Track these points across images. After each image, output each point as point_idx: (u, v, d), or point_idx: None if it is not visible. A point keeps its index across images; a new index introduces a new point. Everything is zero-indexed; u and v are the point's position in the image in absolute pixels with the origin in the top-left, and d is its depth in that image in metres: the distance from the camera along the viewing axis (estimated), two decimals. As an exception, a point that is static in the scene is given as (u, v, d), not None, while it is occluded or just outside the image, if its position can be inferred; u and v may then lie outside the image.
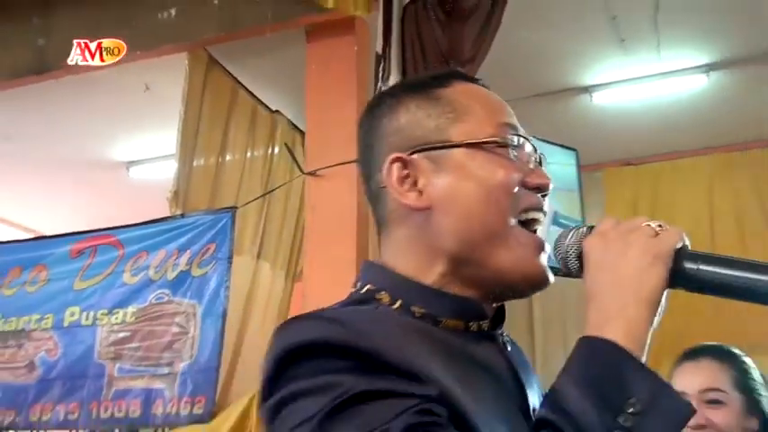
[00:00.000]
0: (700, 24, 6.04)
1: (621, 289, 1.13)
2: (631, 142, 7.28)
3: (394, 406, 1.04)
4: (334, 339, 1.10)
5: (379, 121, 1.37)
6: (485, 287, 1.28)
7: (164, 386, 5.49)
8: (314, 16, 5.56)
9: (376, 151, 1.35)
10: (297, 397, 1.07)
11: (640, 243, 1.15)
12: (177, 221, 5.84)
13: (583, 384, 1.07)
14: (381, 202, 1.34)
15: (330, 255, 5.28)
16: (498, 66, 5.27)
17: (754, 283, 1.12)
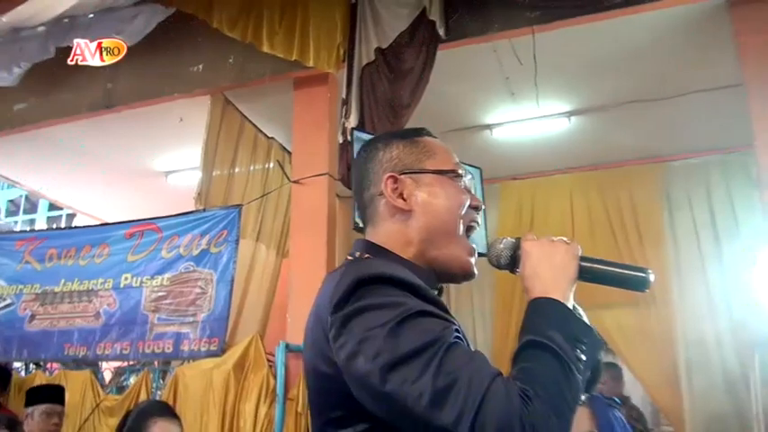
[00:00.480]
0: (565, 84, 6.07)
1: (556, 273, 1.29)
2: (518, 163, 7.31)
3: (442, 323, 1.14)
4: (395, 274, 1.18)
5: (375, 153, 1.47)
6: (435, 268, 1.38)
7: (189, 330, 5.48)
8: (300, 72, 5.60)
9: (372, 173, 1.44)
10: (370, 309, 1.13)
11: (563, 247, 1.34)
12: (200, 214, 5.81)
13: (550, 322, 1.18)
14: (373, 205, 1.43)
15: (308, 239, 5.32)
16: (426, 109, 5.27)
17: (621, 275, 1.38)
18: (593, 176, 7.38)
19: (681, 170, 7.14)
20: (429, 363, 1.06)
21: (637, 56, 5.61)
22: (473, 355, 1.11)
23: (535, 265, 1.31)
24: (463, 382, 1.05)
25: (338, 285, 1.18)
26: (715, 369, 6.46)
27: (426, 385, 1.05)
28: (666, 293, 6.67)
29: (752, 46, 4.81)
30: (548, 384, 1.08)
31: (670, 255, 6.85)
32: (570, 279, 1.30)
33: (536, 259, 1.32)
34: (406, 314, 1.11)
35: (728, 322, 6.39)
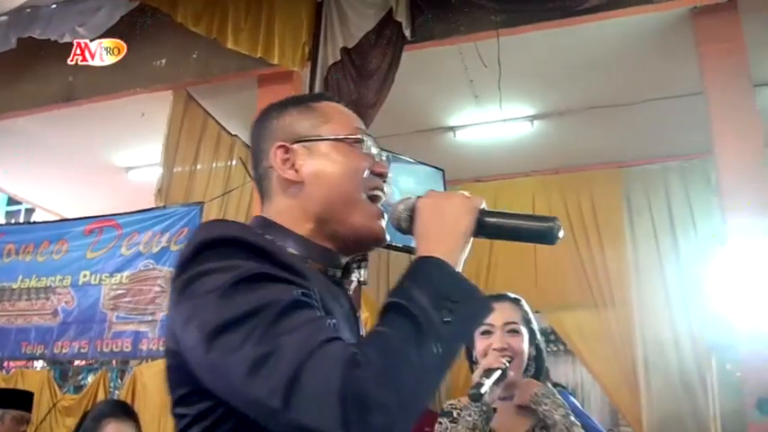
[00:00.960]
0: (528, 88, 6.09)
1: (445, 227, 1.17)
2: (481, 166, 7.32)
3: (284, 287, 1.02)
4: (242, 237, 1.07)
5: (269, 122, 1.35)
6: (341, 241, 1.28)
7: (148, 329, 5.44)
8: (264, 69, 5.55)
9: (266, 143, 1.33)
10: (209, 273, 1.02)
11: (458, 200, 1.21)
12: (161, 211, 5.75)
13: (418, 282, 1.07)
14: (267, 178, 1.31)
15: None
16: (392, 110, 5.26)
17: (526, 228, 1.23)
18: (555, 180, 7.44)
19: (641, 175, 7.24)
20: (254, 329, 0.95)
21: (600, 62, 5.65)
22: (310, 321, 0.99)
23: (425, 222, 1.19)
24: (285, 350, 0.93)
25: (185, 247, 1.08)
26: (673, 370, 6.54)
27: (247, 354, 0.93)
28: (625, 295, 6.75)
29: (712, 55, 4.87)
30: (390, 350, 0.97)
31: (629, 257, 6.92)
32: (461, 234, 1.17)
33: (426, 216, 1.20)
34: (240, 277, 1.00)
35: (686, 324, 6.48)
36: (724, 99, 4.76)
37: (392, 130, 5.90)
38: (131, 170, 7.71)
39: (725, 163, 4.66)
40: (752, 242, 3.93)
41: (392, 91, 5.12)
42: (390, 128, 5.78)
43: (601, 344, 6.69)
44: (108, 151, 7.37)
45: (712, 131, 4.75)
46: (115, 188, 7.72)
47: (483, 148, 6.99)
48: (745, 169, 4.56)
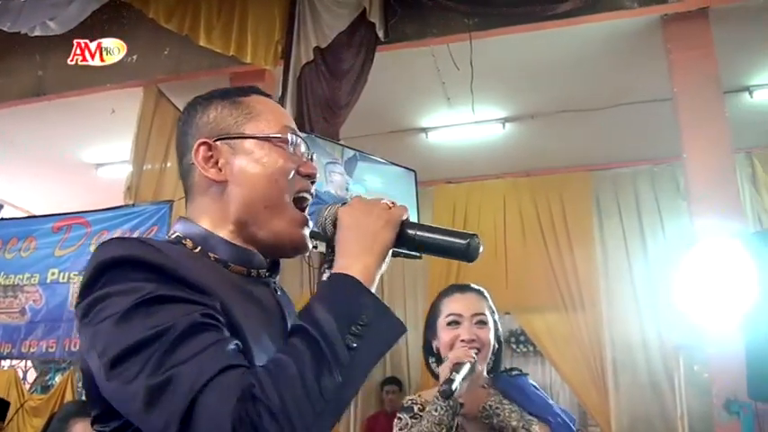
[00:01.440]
0: (500, 91, 6.08)
1: (362, 242, 1.13)
2: (452, 168, 7.32)
3: (183, 308, 0.98)
4: (142, 256, 1.02)
5: (193, 116, 1.28)
6: (261, 245, 1.24)
7: (117, 329, 5.27)
8: (236, 67, 5.49)
9: (189, 138, 1.26)
10: (106, 297, 0.99)
11: (377, 211, 1.16)
12: (130, 209, 5.65)
13: (327, 303, 1.04)
14: (190, 176, 1.25)
15: None
16: (364, 110, 5.23)
17: (444, 243, 1.19)
18: (526, 182, 7.46)
19: (611, 179, 7.30)
20: (150, 358, 0.93)
21: (571, 66, 5.67)
22: (208, 347, 0.95)
23: (343, 235, 1.16)
24: (179, 380, 0.91)
25: (85, 270, 1.04)
26: (641, 370, 6.62)
27: (140, 385, 0.92)
28: (594, 297, 6.80)
29: (682, 61, 4.90)
30: (286, 379, 0.94)
31: (599, 260, 6.98)
32: (379, 249, 1.13)
33: (345, 228, 1.16)
34: (136, 301, 0.97)
35: (654, 325, 6.56)
36: (694, 105, 4.79)
37: (364, 130, 5.89)
38: (101, 167, 7.58)
39: (694, 168, 4.69)
40: (719, 245, 3.94)
41: (365, 91, 5.10)
42: (363, 128, 5.76)
43: (570, 345, 6.73)
44: (77, 147, 7.23)
45: (682, 137, 4.78)
46: (84, 185, 7.61)
47: (455, 150, 6.99)
48: (714, 175, 4.60)
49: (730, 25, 4.99)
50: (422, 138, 6.78)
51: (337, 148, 4.38)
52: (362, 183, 4.33)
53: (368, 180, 4.37)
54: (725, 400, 4.08)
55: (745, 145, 6.41)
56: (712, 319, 4.11)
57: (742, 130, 5.45)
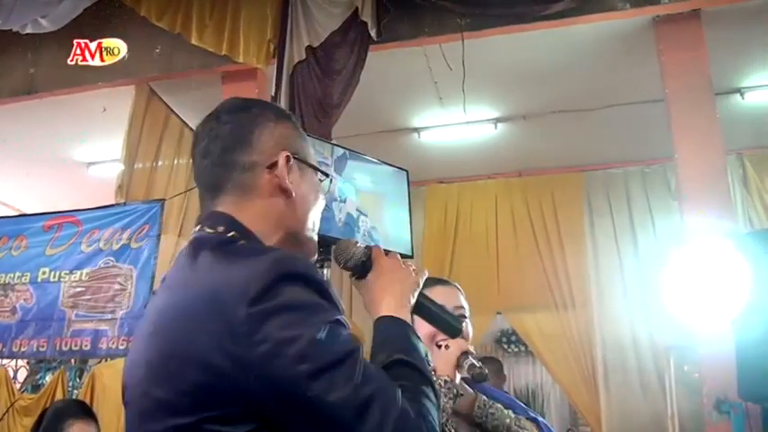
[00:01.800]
0: (492, 91, 6.08)
1: (404, 295, 1.31)
2: (444, 167, 7.32)
3: (348, 334, 1.10)
4: (316, 276, 1.10)
5: (264, 120, 1.29)
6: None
7: (108, 328, 5.28)
8: (228, 66, 5.46)
9: (262, 139, 1.27)
10: (292, 309, 1.04)
11: (411, 274, 1.36)
12: (122, 208, 5.56)
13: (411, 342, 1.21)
14: (251, 175, 1.25)
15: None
16: (357, 109, 5.22)
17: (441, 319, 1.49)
18: (518, 182, 7.47)
19: (602, 179, 7.31)
20: (353, 372, 1.03)
21: (563, 67, 5.66)
22: (378, 368, 1.13)
23: (389, 282, 1.32)
24: (383, 395, 1.04)
25: (253, 276, 1.04)
26: (632, 370, 6.63)
27: (352, 395, 1.01)
28: (586, 297, 6.81)
29: (674, 63, 4.90)
30: (428, 405, 1.12)
31: (590, 260, 6.98)
32: (409, 306, 1.33)
33: (390, 276, 1.33)
34: (328, 320, 1.05)
35: (645, 325, 6.57)
36: (685, 106, 4.79)
37: (357, 129, 5.87)
38: (92, 165, 7.53)
39: (685, 169, 4.70)
40: (710, 246, 3.95)
41: (357, 91, 5.08)
42: (355, 128, 5.74)
43: (561, 345, 6.73)
44: (69, 146, 7.18)
45: (673, 138, 4.78)
46: (75, 183, 7.55)
47: (447, 150, 6.99)
48: (705, 176, 4.61)
49: (722, 27, 4.99)
50: (414, 137, 6.77)
51: (327, 147, 4.35)
52: (352, 181, 4.29)
53: (358, 179, 4.33)
54: (715, 400, 4.09)
55: (736, 146, 6.42)
56: (703, 320, 4.11)
57: (733, 131, 5.45)
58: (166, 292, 1.19)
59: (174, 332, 1.09)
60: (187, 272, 1.17)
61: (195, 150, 1.31)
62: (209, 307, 1.06)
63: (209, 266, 1.13)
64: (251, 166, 1.24)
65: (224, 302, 1.04)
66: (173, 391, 1.06)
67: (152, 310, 1.20)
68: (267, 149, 1.26)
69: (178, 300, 1.13)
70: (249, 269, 1.06)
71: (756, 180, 6.80)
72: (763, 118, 6.25)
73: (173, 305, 1.13)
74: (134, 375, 1.18)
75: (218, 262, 1.12)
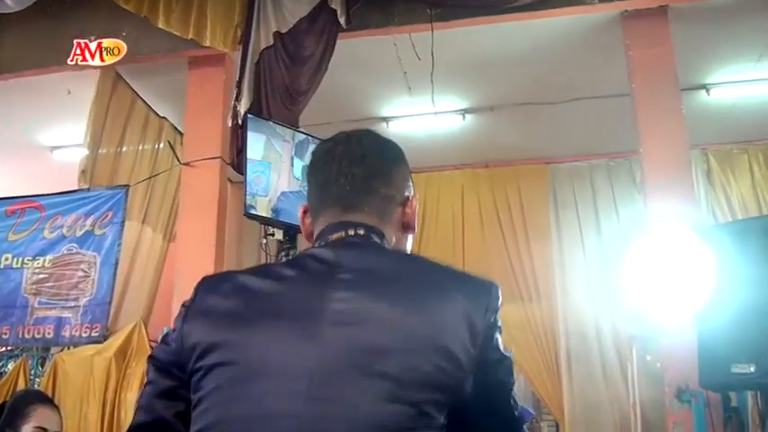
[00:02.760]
0: (461, 82, 6.05)
1: None
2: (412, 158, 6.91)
3: None
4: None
5: (403, 162, 1.35)
6: None
7: (71, 315, 5.23)
8: (195, 51, 5.35)
9: (398, 177, 1.31)
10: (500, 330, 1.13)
11: None
12: (85, 193, 5.50)
13: None
14: (389, 207, 1.28)
15: (197, 224, 5.14)
16: (324, 98, 5.18)
17: None
18: (485, 174, 7.46)
19: (568, 172, 7.32)
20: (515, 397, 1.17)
21: (531, 60, 5.64)
22: None
23: None
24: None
25: (491, 290, 1.14)
26: (594, 360, 6.67)
27: (519, 416, 1.17)
28: (550, 288, 6.83)
29: (641, 59, 4.92)
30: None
31: (555, 251, 7.00)
32: None
33: None
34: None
35: (608, 316, 6.60)
36: (651, 101, 4.81)
37: (324, 118, 5.77)
38: (56, 150, 7.35)
39: (650, 163, 4.72)
40: (674, 238, 3.95)
41: (325, 79, 5.01)
42: (323, 116, 5.66)
43: (525, 335, 6.75)
44: (32, 129, 6.99)
45: (639, 132, 4.79)
46: (39, 168, 7.36)
47: (415, 140, 6.91)
48: (670, 170, 4.63)
49: (689, 23, 5.01)
50: (383, 127, 6.69)
51: (288, 132, 4.30)
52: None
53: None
54: (677, 389, 4.13)
55: (700, 141, 6.45)
56: (665, 310, 4.13)
57: (698, 127, 5.47)
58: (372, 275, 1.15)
59: (424, 319, 1.07)
60: (407, 265, 1.20)
61: (330, 163, 1.28)
62: (456, 306, 1.09)
63: (439, 272, 1.17)
64: (388, 199, 1.28)
65: (469, 310, 1.09)
66: (408, 366, 1.03)
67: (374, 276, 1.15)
68: (402, 187, 1.31)
69: (421, 295, 1.11)
70: (485, 285, 1.14)
71: (720, 175, 6.86)
72: (728, 114, 6.31)
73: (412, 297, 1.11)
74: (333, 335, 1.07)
75: (444, 270, 1.18)
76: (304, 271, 1.15)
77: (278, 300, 1.11)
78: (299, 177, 4.21)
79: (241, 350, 1.06)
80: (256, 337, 1.07)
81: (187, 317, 1.14)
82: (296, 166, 4.22)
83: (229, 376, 1.04)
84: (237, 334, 1.07)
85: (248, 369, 1.04)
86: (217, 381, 1.05)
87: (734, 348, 3.34)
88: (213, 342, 1.07)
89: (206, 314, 1.12)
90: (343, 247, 1.18)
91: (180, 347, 1.11)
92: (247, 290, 1.13)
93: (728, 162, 6.92)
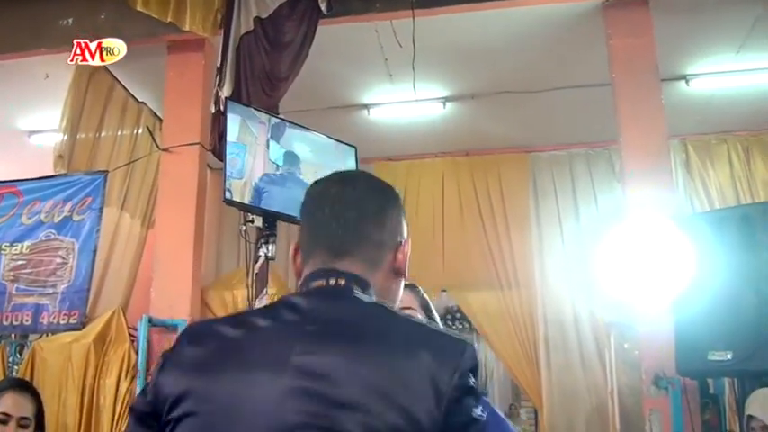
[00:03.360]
0: (441, 70, 6.03)
1: None
2: (393, 145, 7.27)
3: None
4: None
5: (399, 205, 1.33)
6: None
7: (49, 302, 5.14)
8: (175, 35, 5.26)
9: (392, 220, 1.29)
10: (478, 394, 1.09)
11: None
12: (64, 179, 5.40)
13: None
14: (380, 251, 1.26)
15: (176, 211, 5.08)
16: (305, 84, 5.11)
17: None
18: (465, 162, 7.45)
19: (548, 160, 7.34)
20: None
21: (513, 48, 5.62)
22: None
23: None
24: None
25: (464, 350, 1.08)
26: (573, 347, 6.72)
27: None
28: (529, 276, 6.85)
29: (621, 48, 4.90)
30: None
31: (534, 240, 7.02)
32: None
33: None
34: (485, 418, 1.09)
35: (587, 304, 6.65)
36: (631, 91, 4.81)
37: (305, 105, 5.76)
38: (34, 134, 7.24)
39: (629, 153, 4.71)
40: (651, 228, 3.97)
41: (306, 65, 4.94)
42: (304, 103, 5.64)
43: (504, 323, 6.76)
44: (9, 113, 6.88)
45: (619, 122, 4.79)
46: (17, 153, 7.23)
47: (396, 128, 6.93)
48: (649, 159, 4.63)
49: (670, 14, 5.00)
50: (363, 114, 6.68)
51: (264, 114, 4.24)
52: (291, 148, 4.22)
53: (297, 147, 4.25)
54: (654, 376, 4.14)
55: (680, 132, 6.48)
56: (643, 299, 4.15)
57: (677, 117, 5.49)
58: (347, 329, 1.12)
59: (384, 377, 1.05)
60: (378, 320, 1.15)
61: (323, 205, 1.27)
62: (421, 370, 1.05)
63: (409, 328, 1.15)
64: (380, 244, 1.26)
65: (435, 370, 1.05)
66: (362, 424, 1.00)
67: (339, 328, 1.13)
68: (395, 231, 1.28)
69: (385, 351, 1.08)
70: (456, 345, 1.09)
71: (699, 165, 6.90)
72: (707, 105, 6.33)
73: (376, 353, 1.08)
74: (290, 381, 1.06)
75: (416, 326, 1.16)
76: (276, 321, 1.14)
77: (246, 350, 1.10)
78: (274, 160, 4.15)
79: (204, 400, 1.06)
80: (220, 387, 1.06)
81: (163, 367, 1.14)
82: (271, 148, 4.14)
83: (194, 427, 1.04)
84: (202, 383, 1.07)
85: (211, 420, 1.04)
86: (184, 431, 1.05)
87: (711, 336, 3.37)
88: (182, 392, 1.07)
89: (179, 364, 1.12)
90: (320, 297, 1.17)
91: (155, 399, 1.11)
92: (220, 338, 1.13)
93: (707, 152, 6.96)
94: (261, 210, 4.00)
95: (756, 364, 3.18)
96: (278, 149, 4.19)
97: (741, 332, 3.23)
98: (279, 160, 4.16)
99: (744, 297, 3.26)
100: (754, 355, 3.16)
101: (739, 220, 3.41)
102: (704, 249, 3.50)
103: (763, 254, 3.26)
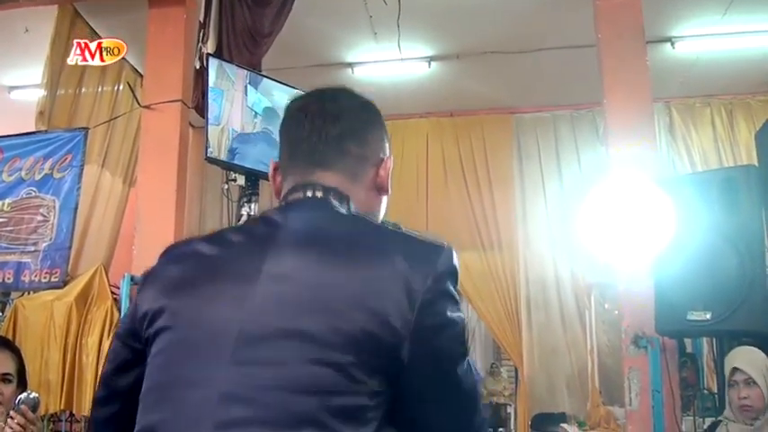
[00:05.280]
0: (427, 29, 5.98)
1: None
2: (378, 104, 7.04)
3: None
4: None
5: (379, 123, 1.30)
6: None
7: (30, 260, 5.08)
8: (157, -10, 5.10)
9: (372, 137, 1.27)
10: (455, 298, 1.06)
11: None
12: (44, 135, 5.30)
13: None
14: (361, 166, 1.23)
15: (158, 168, 4.96)
16: (288, 41, 5.07)
17: None
18: (449, 122, 7.43)
19: (532, 122, 7.32)
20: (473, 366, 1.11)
21: (499, 8, 5.58)
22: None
23: None
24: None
25: (439, 254, 1.06)
26: (553, 307, 6.79)
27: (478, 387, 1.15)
28: (512, 237, 6.88)
29: (608, 9, 4.83)
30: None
31: (517, 201, 7.04)
32: None
33: None
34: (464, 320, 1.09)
35: (568, 265, 6.70)
36: (616, 53, 4.74)
37: (289, 62, 5.67)
38: (14, 90, 7.14)
39: (613, 115, 4.68)
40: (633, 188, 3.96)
41: (289, 22, 4.87)
42: (287, 60, 5.55)
43: (487, 284, 6.81)
44: (-12, 70, 6.77)
45: (603, 84, 4.73)
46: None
47: (380, 87, 6.83)
48: (632, 121, 4.59)
49: (657, -26, 4.95)
50: (347, 73, 6.60)
51: (242, 72, 4.16)
52: (269, 97, 4.14)
53: (276, 95, 4.18)
54: (633, 336, 4.17)
55: (664, 95, 6.47)
56: (623, 258, 4.16)
57: (662, 80, 5.49)
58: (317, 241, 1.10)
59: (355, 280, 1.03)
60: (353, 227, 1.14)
61: (303, 120, 1.24)
62: (394, 273, 1.03)
63: (383, 235, 1.14)
64: (361, 159, 1.23)
65: (408, 274, 1.03)
66: (332, 327, 0.99)
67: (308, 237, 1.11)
68: (376, 147, 1.26)
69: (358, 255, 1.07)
70: (431, 248, 1.07)
71: (682, 128, 6.91)
72: (692, 68, 6.31)
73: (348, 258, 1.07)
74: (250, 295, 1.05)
75: (391, 233, 1.15)
76: (250, 235, 1.14)
77: (220, 264, 1.10)
78: (251, 106, 4.07)
79: (179, 314, 1.06)
80: (193, 301, 1.06)
81: (143, 286, 1.15)
82: (249, 94, 4.06)
83: (169, 340, 1.05)
84: (178, 299, 1.08)
85: (183, 333, 1.05)
86: (159, 345, 1.05)
87: (690, 296, 3.38)
88: (159, 308, 1.08)
89: (158, 282, 1.12)
90: (295, 209, 1.15)
91: (134, 316, 1.12)
92: (197, 256, 1.13)
93: (690, 115, 6.96)
94: (242, 168, 3.95)
95: (734, 325, 3.20)
96: (255, 95, 4.09)
97: (720, 293, 3.24)
98: (257, 106, 4.07)
99: (724, 258, 3.27)
100: (733, 315, 3.18)
101: (722, 183, 3.41)
102: (686, 211, 3.49)
103: (744, 216, 3.26)
